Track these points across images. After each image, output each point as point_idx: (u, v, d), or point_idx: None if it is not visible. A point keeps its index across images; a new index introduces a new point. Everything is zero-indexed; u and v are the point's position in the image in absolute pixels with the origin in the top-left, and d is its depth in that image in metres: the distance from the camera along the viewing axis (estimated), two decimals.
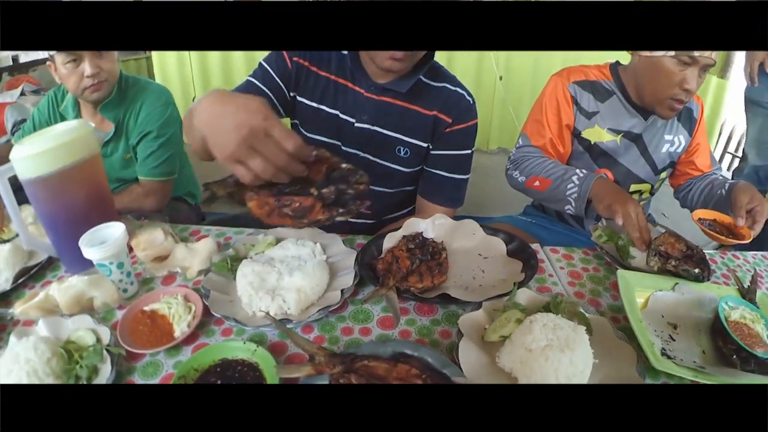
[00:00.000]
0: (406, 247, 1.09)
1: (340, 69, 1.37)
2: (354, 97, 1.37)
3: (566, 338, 0.80)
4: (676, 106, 1.44)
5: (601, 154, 1.57)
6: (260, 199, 0.85)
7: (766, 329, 0.98)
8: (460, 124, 1.41)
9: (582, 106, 1.55)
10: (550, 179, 1.42)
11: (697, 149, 1.65)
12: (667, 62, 1.38)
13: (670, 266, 1.14)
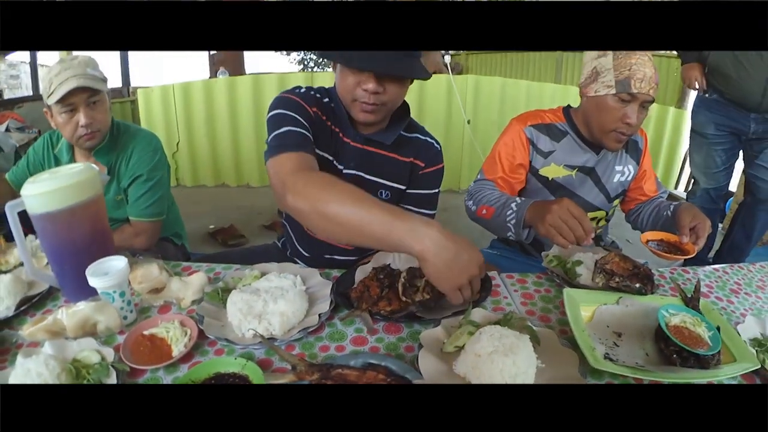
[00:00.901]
0: (376, 277, 1.23)
1: (335, 119, 1.51)
2: (343, 145, 1.52)
3: (510, 345, 0.94)
4: (621, 139, 1.62)
5: (559, 188, 1.75)
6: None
7: (707, 331, 1.10)
8: (430, 167, 1.61)
9: (539, 147, 1.73)
10: (494, 208, 1.57)
11: (644, 176, 1.85)
12: (609, 100, 1.57)
13: (613, 283, 1.30)
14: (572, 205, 1.29)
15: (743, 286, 1.57)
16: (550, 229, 1.29)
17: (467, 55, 12.79)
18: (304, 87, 1.53)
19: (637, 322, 1.19)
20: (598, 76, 1.60)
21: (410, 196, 1.61)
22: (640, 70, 1.52)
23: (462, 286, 1.00)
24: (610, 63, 1.56)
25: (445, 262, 0.97)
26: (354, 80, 1.34)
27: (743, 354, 1.08)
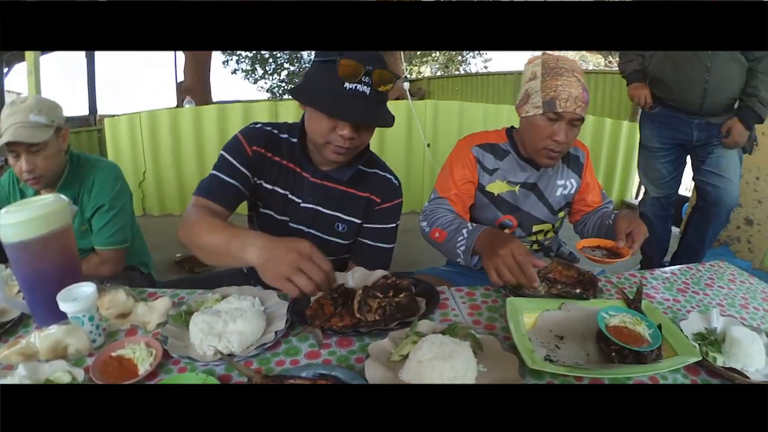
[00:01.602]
0: (330, 296, 1.30)
1: (290, 156, 1.60)
2: (301, 181, 1.61)
3: (449, 351, 1.02)
4: (551, 155, 1.71)
5: (504, 203, 1.85)
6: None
7: (647, 329, 1.17)
8: (387, 202, 1.68)
9: (485, 165, 1.82)
10: (446, 232, 1.64)
11: (587, 188, 1.95)
12: (538, 120, 1.66)
13: (555, 290, 1.38)
14: (517, 251, 1.33)
15: (691, 285, 1.68)
16: (492, 272, 1.35)
17: (429, 80, 13.08)
18: (260, 123, 1.62)
19: (578, 326, 1.27)
20: (529, 97, 1.69)
21: (367, 230, 1.69)
22: (566, 91, 1.61)
23: (288, 275, 1.07)
24: (539, 85, 1.66)
25: (265, 260, 1.10)
26: (329, 125, 1.40)
27: (685, 348, 1.16)
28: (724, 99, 2.89)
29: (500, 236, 1.46)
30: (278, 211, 1.64)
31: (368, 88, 1.38)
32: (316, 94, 1.41)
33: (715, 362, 1.15)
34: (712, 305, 1.55)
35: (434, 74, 20.53)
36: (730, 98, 2.91)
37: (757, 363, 1.17)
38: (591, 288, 1.45)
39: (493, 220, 1.89)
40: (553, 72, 1.65)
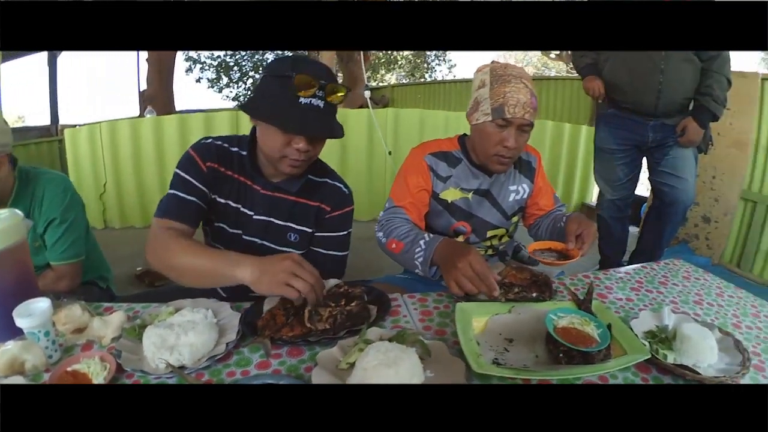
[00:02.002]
0: (283, 306, 1.30)
1: (241, 169, 1.60)
2: (252, 193, 1.61)
3: (394, 357, 1.02)
4: (502, 161, 1.74)
5: (458, 210, 1.87)
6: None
7: (596, 329, 1.19)
8: (337, 210, 1.70)
9: (438, 173, 1.84)
10: (403, 243, 1.65)
11: (539, 192, 1.98)
12: (488, 127, 1.69)
13: (512, 295, 1.39)
14: (475, 261, 1.36)
15: (645, 284, 1.71)
16: (453, 284, 1.38)
17: (392, 87, 13.16)
18: (210, 138, 1.62)
19: (528, 328, 1.28)
20: (479, 105, 1.72)
21: (318, 239, 1.71)
22: (514, 97, 1.63)
23: (286, 281, 1.20)
24: (487, 93, 1.68)
25: (261, 272, 1.23)
26: (285, 139, 1.42)
27: (634, 347, 1.17)
28: (678, 100, 2.94)
29: (457, 247, 1.48)
30: (231, 224, 1.64)
31: (322, 102, 1.42)
32: (270, 109, 1.41)
33: (666, 359, 1.17)
34: (665, 303, 1.58)
35: (399, 81, 20.64)
36: (685, 98, 2.95)
37: (709, 358, 1.19)
38: (546, 289, 1.46)
39: (447, 227, 1.91)
40: (501, 79, 1.68)
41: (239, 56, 20.34)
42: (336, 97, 1.45)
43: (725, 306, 1.62)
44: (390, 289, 1.58)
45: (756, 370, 1.24)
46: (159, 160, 5.16)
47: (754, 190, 4.49)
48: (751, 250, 4.52)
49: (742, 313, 1.57)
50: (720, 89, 2.83)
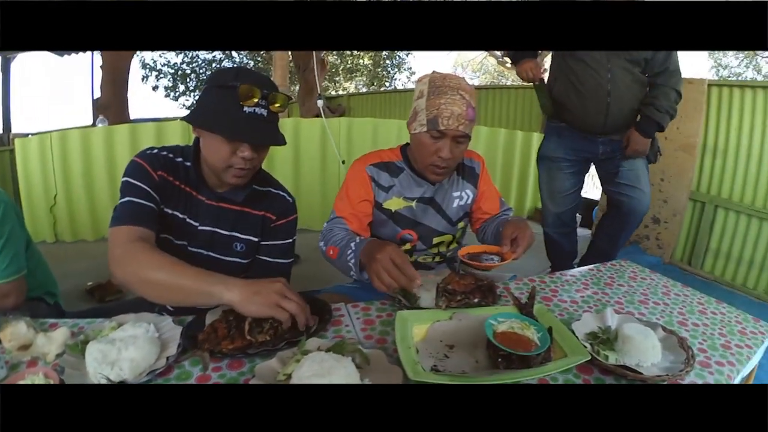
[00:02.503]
0: (225, 319, 1.28)
1: (186, 179, 1.58)
2: (197, 204, 1.60)
3: (329, 367, 1.02)
4: (438, 171, 1.76)
5: (402, 219, 1.88)
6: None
7: (536, 333, 1.21)
8: (282, 219, 1.71)
9: (380, 183, 1.86)
10: (338, 248, 1.66)
11: (483, 197, 2.00)
12: (424, 137, 1.70)
13: (454, 302, 1.40)
14: (395, 253, 1.39)
15: (590, 285, 1.75)
16: (374, 277, 1.39)
17: (349, 96, 13.19)
18: (156, 148, 1.59)
19: (469, 334, 1.29)
20: (416, 115, 1.74)
21: (264, 248, 1.71)
22: (448, 109, 1.65)
23: (277, 302, 1.22)
24: (424, 104, 1.70)
25: (252, 293, 1.23)
26: (230, 149, 1.43)
27: (574, 349, 1.20)
28: (626, 118, 2.95)
29: (378, 243, 1.49)
30: (177, 235, 1.62)
31: (265, 110, 1.44)
32: (215, 119, 1.41)
33: (607, 360, 1.19)
34: (610, 304, 1.61)
35: (358, 90, 20.69)
36: (632, 116, 2.97)
37: (651, 357, 1.22)
38: (490, 295, 1.48)
39: (393, 236, 1.92)
40: (438, 90, 1.69)
41: (196, 63, 20.16)
42: (277, 106, 1.46)
43: (671, 304, 1.66)
44: (337, 299, 1.60)
45: (702, 367, 1.27)
46: (110, 172, 5.05)
47: (701, 191, 4.71)
48: (701, 248, 4.70)
49: (689, 311, 1.62)
50: (665, 99, 2.86)
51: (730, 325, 1.55)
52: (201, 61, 20.21)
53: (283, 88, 5.73)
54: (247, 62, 20.46)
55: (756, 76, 20.78)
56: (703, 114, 4.56)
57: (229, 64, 20.48)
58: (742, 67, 22.12)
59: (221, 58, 20.30)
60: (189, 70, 20.05)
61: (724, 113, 4.56)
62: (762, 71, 21.30)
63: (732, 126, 4.50)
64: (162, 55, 19.86)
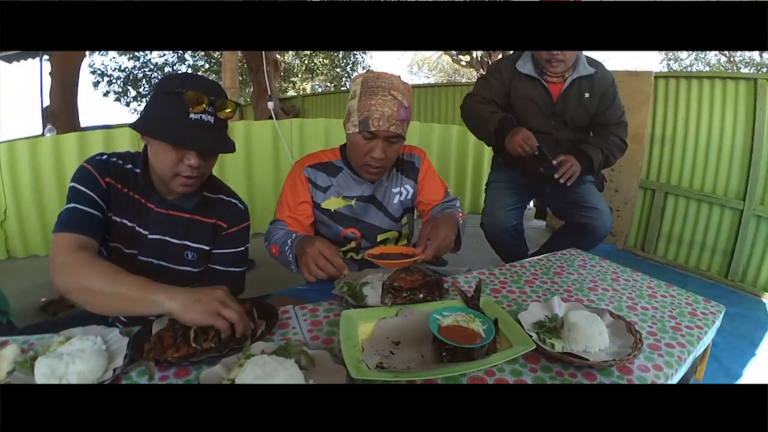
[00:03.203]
0: (171, 327, 1.27)
1: (135, 187, 1.56)
2: (147, 212, 1.57)
3: (270, 371, 1.02)
4: (371, 171, 1.79)
5: (343, 218, 1.90)
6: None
7: (482, 325, 1.22)
8: (234, 227, 1.70)
9: (317, 184, 1.88)
10: (278, 245, 1.69)
11: (425, 189, 2.02)
12: (357, 138, 1.72)
13: (400, 299, 1.41)
14: (323, 246, 1.47)
15: (540, 275, 1.78)
16: (303, 268, 1.47)
17: (303, 97, 13.13)
18: (105, 155, 1.57)
19: (415, 330, 1.30)
20: (350, 116, 1.75)
21: (216, 256, 1.70)
22: (379, 110, 1.67)
23: (218, 310, 1.20)
24: (356, 104, 1.72)
25: (193, 301, 1.21)
26: (177, 156, 1.42)
27: (520, 339, 1.22)
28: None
29: (309, 238, 1.55)
30: (127, 244, 1.59)
31: (212, 117, 1.43)
32: (161, 127, 1.40)
33: (554, 348, 1.22)
34: (559, 293, 1.65)
35: (315, 91, 20.61)
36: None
37: (598, 343, 1.25)
38: (437, 289, 1.49)
39: (337, 235, 1.94)
40: (370, 91, 1.71)
41: (148, 68, 19.82)
42: (225, 112, 1.46)
43: (620, 290, 1.71)
44: (288, 302, 1.58)
45: (651, 350, 1.31)
46: (60, 183, 4.90)
47: (651, 179, 4.89)
48: (653, 234, 4.85)
49: (638, 295, 1.66)
50: (612, 144, 2.86)
51: (680, 308, 1.60)
52: (153, 66, 19.86)
53: (234, 91, 5.62)
54: (201, 65, 20.21)
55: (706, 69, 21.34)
56: (650, 105, 4.73)
57: (182, 67, 20.20)
58: (691, 59, 22.73)
59: (173, 61, 19.99)
60: (140, 75, 19.69)
61: (671, 104, 4.73)
62: (711, 64, 21.89)
63: (679, 116, 4.67)
64: (113, 59, 19.49)
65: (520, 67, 2.75)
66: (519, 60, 2.79)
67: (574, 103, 2.74)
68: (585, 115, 2.81)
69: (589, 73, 2.73)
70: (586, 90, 2.74)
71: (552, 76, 2.71)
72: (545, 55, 2.61)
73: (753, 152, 4.18)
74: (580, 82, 2.73)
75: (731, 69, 20.15)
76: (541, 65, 2.70)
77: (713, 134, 4.47)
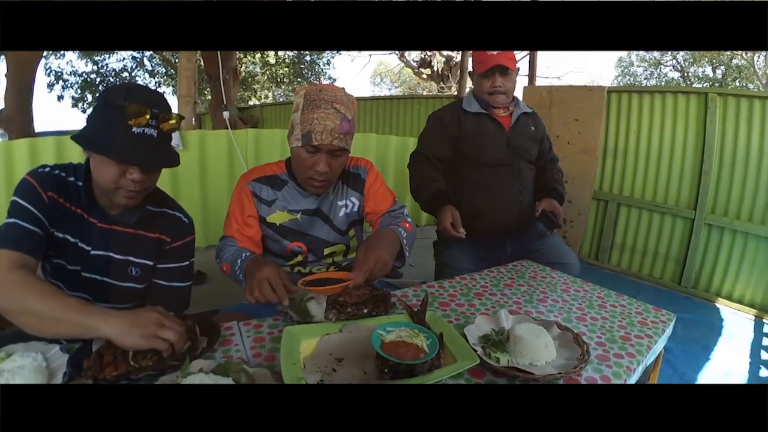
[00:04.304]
0: (111, 345, 1.22)
1: (78, 201, 1.50)
2: (89, 227, 1.52)
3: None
4: (316, 185, 1.77)
5: (289, 232, 1.87)
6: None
7: (426, 340, 1.20)
8: (178, 241, 1.65)
9: (262, 198, 1.85)
10: (228, 264, 1.68)
11: (371, 199, 1.99)
12: (300, 152, 1.71)
13: (344, 314, 1.40)
14: (271, 273, 1.46)
15: (489, 288, 1.78)
16: (247, 290, 1.47)
17: (262, 107, 13.06)
18: (48, 167, 1.51)
19: (359, 346, 1.27)
20: (293, 129, 1.73)
21: (160, 271, 1.65)
22: (321, 124, 1.65)
23: (156, 333, 1.17)
24: (299, 118, 1.70)
25: (129, 325, 1.17)
26: (119, 171, 1.37)
27: (463, 354, 1.21)
28: (531, 213, 2.75)
29: (257, 263, 1.55)
30: (70, 261, 1.54)
31: (155, 131, 1.39)
32: (103, 141, 1.36)
33: (498, 362, 1.21)
34: (508, 305, 1.65)
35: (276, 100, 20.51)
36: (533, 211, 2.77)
37: (545, 356, 1.25)
38: (383, 304, 1.48)
39: (283, 249, 1.91)
40: (312, 104, 1.69)
41: (105, 72, 19.46)
42: (169, 125, 1.42)
43: (570, 301, 1.72)
44: (237, 317, 1.56)
45: (600, 361, 1.32)
46: (8, 192, 4.54)
47: (604, 190, 5.04)
48: (606, 244, 4.98)
49: (588, 306, 1.68)
50: (560, 180, 2.93)
51: (629, 317, 1.62)
52: (109, 70, 19.51)
53: (189, 99, 5.53)
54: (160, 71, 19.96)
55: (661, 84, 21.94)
56: (603, 119, 4.87)
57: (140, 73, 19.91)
58: (646, 75, 23.35)
59: (132, 66, 19.68)
60: (98, 79, 19.31)
61: (624, 117, 4.90)
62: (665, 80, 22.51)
63: (631, 129, 4.84)
64: (69, 62, 19.08)
65: (466, 106, 2.76)
66: (464, 100, 2.82)
67: (524, 134, 2.77)
68: (534, 148, 2.84)
69: (529, 111, 2.82)
70: (531, 124, 2.81)
71: (498, 108, 2.72)
72: (487, 88, 2.64)
73: (704, 163, 4.35)
74: (525, 117, 2.79)
75: (684, 84, 20.80)
76: (485, 100, 2.71)
77: (665, 146, 4.64)
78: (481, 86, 2.67)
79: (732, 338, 3.68)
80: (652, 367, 1.63)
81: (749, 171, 4.16)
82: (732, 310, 4.20)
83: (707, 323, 3.89)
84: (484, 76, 2.61)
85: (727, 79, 19.96)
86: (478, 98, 2.75)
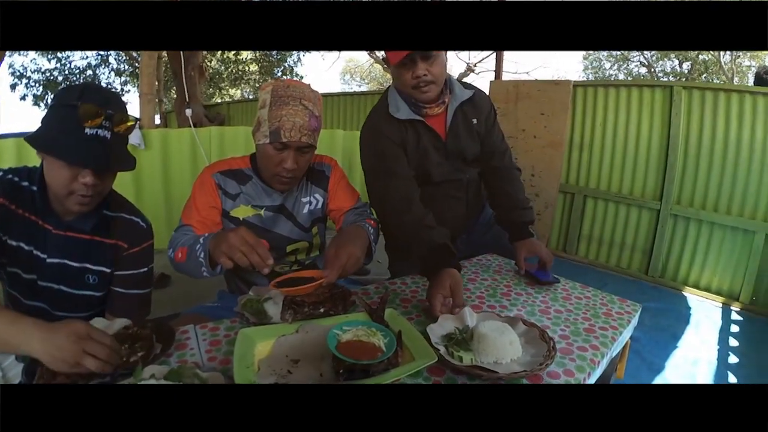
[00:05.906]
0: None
1: (32, 207, 1.45)
2: (44, 234, 1.46)
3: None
4: (283, 181, 1.76)
5: (252, 227, 1.82)
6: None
7: (383, 339, 1.18)
8: (135, 247, 1.60)
9: (227, 191, 1.82)
10: (186, 247, 1.58)
11: (335, 196, 1.97)
12: (267, 148, 1.68)
13: (300, 315, 1.37)
14: (247, 234, 1.37)
15: None
16: (222, 257, 1.35)
17: (229, 104, 12.95)
18: (2, 170, 1.46)
19: (315, 346, 1.23)
20: (260, 126, 1.70)
21: (118, 278, 1.60)
22: (290, 120, 1.63)
23: (76, 360, 1.06)
24: (267, 114, 1.67)
25: (52, 350, 1.06)
26: (71, 174, 1.32)
27: (422, 353, 1.19)
28: (479, 208, 2.59)
29: (230, 229, 1.48)
30: (25, 269, 1.48)
31: (108, 132, 1.34)
32: (55, 142, 1.31)
33: (462, 361, 1.19)
34: (471, 299, 1.64)
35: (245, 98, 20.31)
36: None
37: (509, 354, 1.23)
38: (341, 303, 1.46)
39: None
40: (280, 101, 1.67)
41: (69, 71, 19.06)
42: (124, 126, 1.38)
43: (534, 294, 1.72)
44: (197, 320, 1.52)
45: (563, 354, 1.31)
46: None
47: (571, 183, 5.11)
48: (573, 236, 5.05)
49: (552, 299, 1.68)
50: (521, 191, 2.40)
51: (594, 309, 1.61)
52: (73, 68, 19.11)
53: (150, 97, 5.42)
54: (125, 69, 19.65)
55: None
56: (569, 113, 4.91)
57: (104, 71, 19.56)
58: (614, 70, 23.63)
59: (96, 64, 19.31)
60: (61, 78, 18.89)
61: (590, 111, 4.96)
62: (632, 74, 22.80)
63: (597, 122, 4.90)
64: (33, 60, 18.65)
65: (394, 111, 2.12)
66: (389, 102, 2.17)
67: (465, 134, 2.25)
68: (477, 144, 2.34)
69: (468, 96, 2.22)
70: (472, 116, 2.26)
71: (429, 106, 2.13)
72: (409, 81, 2.02)
73: (669, 155, 4.42)
74: (463, 109, 2.22)
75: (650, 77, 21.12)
76: (412, 96, 2.10)
77: (630, 139, 4.70)
78: (402, 79, 2.05)
79: (699, 326, 3.75)
80: (619, 358, 1.63)
81: (714, 162, 4.24)
82: (699, 299, 4.28)
83: (675, 312, 3.95)
84: (402, 65, 1.99)
85: (694, 74, 20.27)
86: (403, 95, 2.15)
